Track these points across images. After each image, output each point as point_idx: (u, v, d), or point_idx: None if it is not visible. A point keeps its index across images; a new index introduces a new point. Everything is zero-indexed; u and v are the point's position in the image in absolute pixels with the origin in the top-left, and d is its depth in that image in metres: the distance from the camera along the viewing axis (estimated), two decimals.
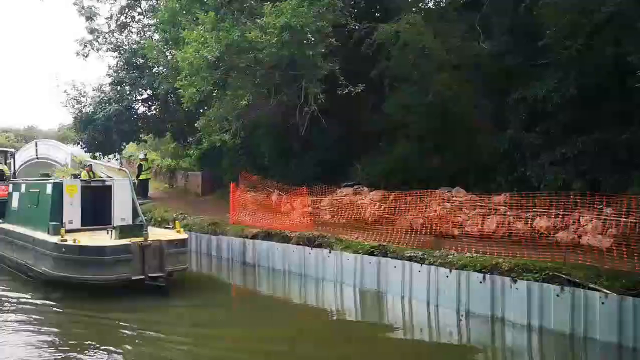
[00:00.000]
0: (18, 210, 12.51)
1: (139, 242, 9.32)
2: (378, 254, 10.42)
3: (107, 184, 11.72)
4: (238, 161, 21.28)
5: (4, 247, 12.34)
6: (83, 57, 21.76)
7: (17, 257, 11.40)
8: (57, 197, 10.76)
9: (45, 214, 10.82)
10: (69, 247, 9.12)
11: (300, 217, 14.37)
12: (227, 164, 21.84)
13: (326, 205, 15.48)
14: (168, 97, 22.40)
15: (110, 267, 8.84)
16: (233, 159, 21.43)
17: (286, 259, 11.20)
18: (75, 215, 10.93)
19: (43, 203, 11.07)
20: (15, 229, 11.87)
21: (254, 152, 20.35)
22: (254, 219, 15.38)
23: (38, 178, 13.25)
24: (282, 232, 13.07)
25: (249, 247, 12.30)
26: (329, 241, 11.60)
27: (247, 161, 21.47)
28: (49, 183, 11.01)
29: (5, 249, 12.23)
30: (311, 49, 11.69)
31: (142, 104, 24.32)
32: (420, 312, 8.30)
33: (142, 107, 24.50)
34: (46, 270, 9.72)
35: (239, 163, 21.61)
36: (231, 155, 19.34)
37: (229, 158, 21.37)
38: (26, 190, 12.18)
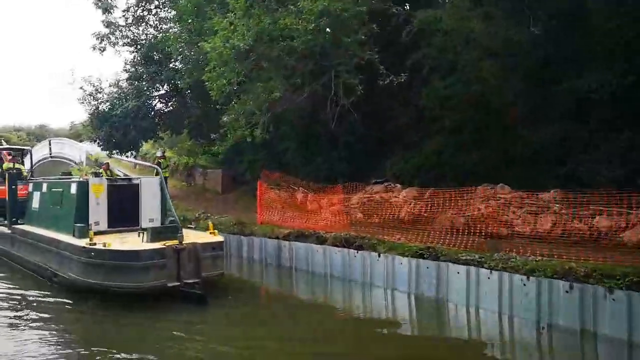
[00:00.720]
0: (39, 210, 11.84)
1: (174, 245, 8.59)
2: (429, 256, 9.63)
3: (133, 182, 11.01)
4: (259, 158, 20.56)
5: (25, 250, 11.68)
6: (100, 51, 21.11)
7: (39, 261, 10.73)
8: (83, 197, 10.06)
9: (70, 215, 10.12)
10: (98, 251, 8.40)
11: (334, 217, 13.61)
12: (248, 161, 21.12)
13: (356, 204, 14.73)
14: (186, 93, 21.71)
15: (144, 274, 8.11)
16: (254, 156, 20.70)
17: (328, 261, 10.41)
18: (102, 216, 10.23)
19: (67, 203, 10.39)
20: (37, 231, 11.20)
21: (276, 149, 19.58)
22: (283, 218, 14.65)
23: (60, 177, 12.57)
24: (316, 233, 12.32)
25: (284, 248, 11.53)
26: (369, 242, 10.83)
27: (268, 158, 20.71)
28: (73, 182, 10.31)
29: (26, 251, 11.56)
30: (350, 35, 10.87)
31: (159, 100, 23.67)
32: (490, 323, 7.44)
33: (159, 104, 23.89)
34: (73, 276, 9.02)
35: (259, 160, 20.89)
36: (252, 152, 18.58)
37: (250, 155, 20.64)
38: (48, 190, 11.50)
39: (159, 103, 23.78)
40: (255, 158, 20.49)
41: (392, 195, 14.57)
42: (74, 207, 10.04)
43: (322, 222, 13.06)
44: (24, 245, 11.72)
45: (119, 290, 8.33)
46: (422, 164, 15.19)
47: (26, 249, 11.62)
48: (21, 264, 11.98)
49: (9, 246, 12.82)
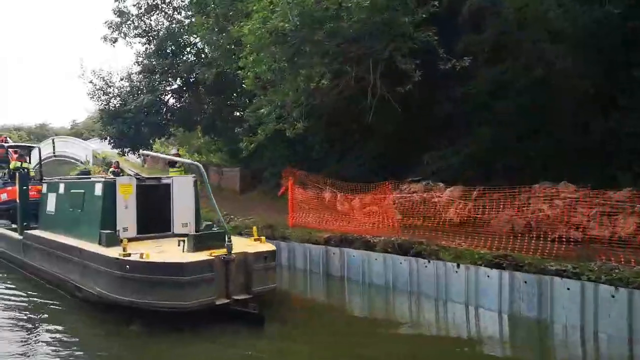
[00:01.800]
0: (56, 214, 10.53)
1: (222, 256, 7.29)
2: (507, 265, 8.35)
3: (164, 182, 9.71)
4: (281, 155, 19.27)
5: (40, 259, 10.37)
6: (111, 42, 19.80)
7: (58, 272, 9.42)
8: (109, 199, 8.75)
9: (94, 220, 8.82)
10: (134, 264, 7.10)
11: (373, 219, 12.36)
12: (268, 159, 19.84)
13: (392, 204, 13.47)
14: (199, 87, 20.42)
15: (189, 290, 6.79)
16: (275, 153, 19.42)
17: (389, 271, 9.08)
18: (131, 221, 8.93)
19: (91, 206, 9.08)
20: (53, 237, 9.89)
21: (301, 144, 18.28)
22: (318, 220, 13.43)
23: (80, 176, 11.26)
24: (361, 237, 11.05)
25: (334, 256, 10.23)
26: (429, 249, 9.54)
27: (290, 155, 19.44)
28: (98, 182, 8.99)
29: (42, 260, 10.25)
30: (408, 15, 9.57)
31: (171, 95, 22.38)
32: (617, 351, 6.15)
33: (171, 99, 22.60)
34: (102, 292, 7.71)
35: (281, 157, 19.60)
36: (272, 148, 17.32)
37: (270, 152, 19.35)
38: (66, 191, 10.19)
39: (171, 98, 22.52)
40: (278, 155, 19.20)
41: (433, 194, 13.36)
42: (100, 211, 8.73)
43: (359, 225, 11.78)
44: (39, 254, 10.42)
45: (159, 309, 7.01)
46: (467, 160, 13.88)
47: (41, 257, 10.31)
48: (35, 274, 10.67)
49: (20, 254, 11.51)
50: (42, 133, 53.73)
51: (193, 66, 17.90)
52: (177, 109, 22.32)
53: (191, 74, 19.23)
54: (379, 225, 11.65)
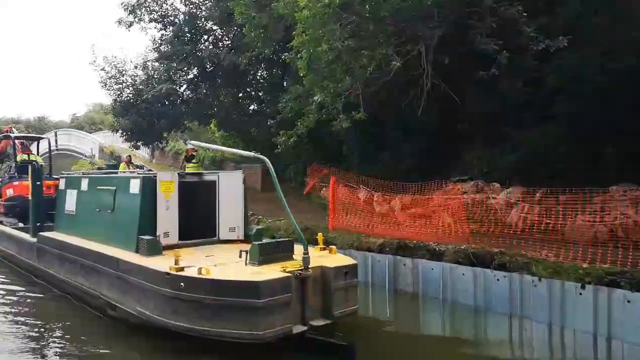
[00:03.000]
0: (78, 215, 9.06)
1: (297, 272, 5.86)
2: (625, 284, 6.97)
3: (207, 178, 8.27)
4: (303, 151, 17.84)
5: (59, 266, 8.91)
6: (126, 26, 18.27)
7: (83, 284, 7.96)
8: (148, 198, 7.30)
9: (130, 224, 7.37)
10: (192, 281, 5.65)
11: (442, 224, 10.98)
12: (290, 155, 18.39)
13: (437, 206, 12.11)
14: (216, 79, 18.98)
15: (264, 316, 5.35)
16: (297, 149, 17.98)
17: (481, 289, 7.64)
18: (172, 225, 7.49)
19: (125, 207, 7.62)
20: (75, 242, 8.44)
21: (326, 140, 16.84)
22: (362, 224, 12.07)
23: (109, 170, 9.80)
24: (426, 245, 9.66)
25: (405, 268, 8.79)
26: (517, 261, 8.13)
27: (314, 151, 18.03)
28: (135, 178, 7.52)
29: (62, 269, 8.79)
30: None
31: (187, 85, 20.90)
32: None
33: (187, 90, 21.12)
34: (146, 314, 6.27)
35: (306, 154, 18.18)
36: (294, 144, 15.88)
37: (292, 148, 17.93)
38: (91, 188, 8.73)
39: (186, 89, 21.05)
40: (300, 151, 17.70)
41: (486, 195, 12.00)
42: (137, 213, 7.28)
43: (432, 230, 10.38)
44: (58, 261, 8.95)
45: (224, 340, 5.58)
46: (526, 158, 12.47)
47: (61, 265, 8.85)
48: (53, 283, 9.21)
49: (33, 259, 10.05)
50: (41, 126, 52.11)
51: (217, 52, 16.45)
52: (193, 100, 20.87)
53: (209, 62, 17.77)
54: (445, 231, 10.26)
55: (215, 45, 18.95)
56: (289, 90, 14.16)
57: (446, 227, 10.58)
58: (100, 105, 59.27)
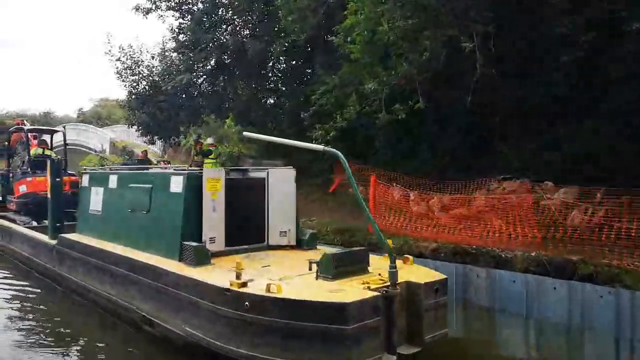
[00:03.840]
0: (105, 215, 8.09)
1: (383, 289, 4.86)
2: None
3: (254, 175, 7.27)
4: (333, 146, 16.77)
5: (83, 273, 7.93)
6: (143, 14, 17.25)
7: (115, 295, 6.99)
8: (193, 198, 6.32)
9: (171, 227, 6.39)
10: (260, 300, 4.66)
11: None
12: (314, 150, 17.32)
13: (483, 206, 11.13)
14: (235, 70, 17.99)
15: (352, 344, 4.37)
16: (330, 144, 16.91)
17: (577, 306, 6.60)
18: (219, 229, 6.51)
19: (165, 208, 6.64)
20: (104, 247, 7.48)
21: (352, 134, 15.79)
22: (405, 225, 11.11)
23: (140, 166, 8.82)
24: (489, 251, 8.68)
25: (478, 279, 7.78)
26: (605, 271, 7.12)
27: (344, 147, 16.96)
28: (177, 175, 6.53)
29: (87, 276, 7.81)
30: None
31: (204, 77, 19.90)
32: None
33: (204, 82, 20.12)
34: (198, 335, 5.28)
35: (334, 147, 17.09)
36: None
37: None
38: (121, 186, 7.74)
39: (204, 81, 20.04)
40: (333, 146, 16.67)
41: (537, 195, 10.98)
42: (181, 215, 6.29)
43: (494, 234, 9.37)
44: (82, 267, 7.98)
45: None
46: (574, 155, 11.39)
47: (85, 271, 7.88)
48: (75, 290, 8.24)
49: (53, 263, 9.09)
50: (47, 121, 51.35)
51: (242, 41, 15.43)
52: (210, 92, 19.88)
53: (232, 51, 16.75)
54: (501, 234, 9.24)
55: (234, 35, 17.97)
56: (321, 81, 13.14)
57: (497, 230, 9.60)
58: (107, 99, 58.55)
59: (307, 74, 17.32)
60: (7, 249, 11.62)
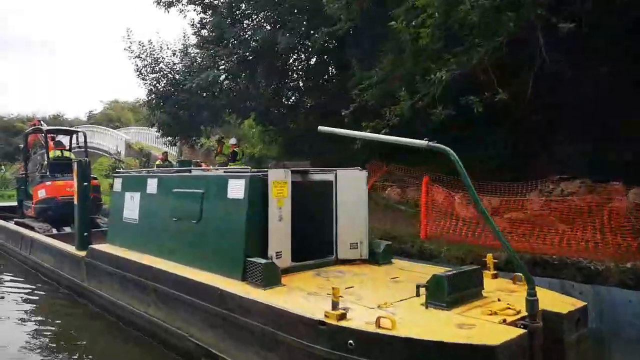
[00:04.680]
0: (143, 225, 7.11)
1: (520, 322, 3.83)
2: None
3: (320, 178, 6.26)
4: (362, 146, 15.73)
5: (122, 292, 6.93)
6: (165, 7, 16.31)
7: (161, 319, 6.00)
8: (258, 205, 5.32)
9: (232, 240, 5.37)
10: (369, 339, 3.64)
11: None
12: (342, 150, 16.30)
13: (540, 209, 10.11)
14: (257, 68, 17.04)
15: None
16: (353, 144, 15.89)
17: None
18: (285, 242, 5.50)
19: (222, 217, 5.62)
20: (144, 261, 6.49)
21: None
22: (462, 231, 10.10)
23: (186, 168, 7.83)
24: (574, 262, 7.65)
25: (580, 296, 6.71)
26: None
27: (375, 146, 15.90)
28: (236, 178, 5.52)
29: (124, 294, 6.83)
30: None
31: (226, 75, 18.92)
32: None
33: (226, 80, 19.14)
34: None
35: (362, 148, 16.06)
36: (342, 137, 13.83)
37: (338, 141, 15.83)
38: (162, 191, 6.76)
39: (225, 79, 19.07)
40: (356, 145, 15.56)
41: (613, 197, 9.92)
42: (244, 225, 5.28)
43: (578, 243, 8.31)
44: (118, 284, 6.99)
45: None
46: None
47: (121, 288, 6.90)
48: (108, 309, 7.27)
49: (81, 277, 8.12)
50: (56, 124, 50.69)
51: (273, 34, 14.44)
52: (232, 91, 18.91)
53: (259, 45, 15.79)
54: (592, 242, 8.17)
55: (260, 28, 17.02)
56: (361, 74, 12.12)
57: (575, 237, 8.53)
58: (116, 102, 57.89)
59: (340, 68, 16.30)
60: (28, 260, 10.69)
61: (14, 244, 11.76)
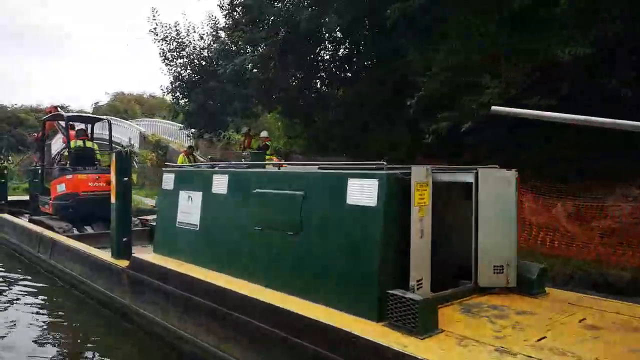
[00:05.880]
0: (207, 233, 5.65)
1: None
2: None
3: (453, 179, 4.79)
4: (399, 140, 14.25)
5: (182, 319, 5.49)
6: None
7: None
8: (398, 216, 3.89)
9: (359, 263, 3.94)
10: None
11: None
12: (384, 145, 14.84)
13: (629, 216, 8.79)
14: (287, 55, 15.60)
15: None
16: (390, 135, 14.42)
17: None
18: (425, 265, 4.07)
19: (337, 228, 4.17)
20: (212, 279, 5.05)
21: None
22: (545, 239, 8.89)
23: (257, 162, 6.39)
24: None
25: None
26: None
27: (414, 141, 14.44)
28: (362, 177, 4.05)
29: (189, 323, 5.38)
30: None
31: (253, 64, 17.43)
32: None
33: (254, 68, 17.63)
34: None
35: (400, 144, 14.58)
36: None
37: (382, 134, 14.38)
38: (235, 190, 5.30)
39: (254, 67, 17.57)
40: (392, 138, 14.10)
41: None
42: (377, 243, 3.83)
43: None
44: (180, 306, 5.54)
45: None
46: None
47: (183, 315, 5.45)
48: (162, 337, 5.83)
49: (122, 293, 6.66)
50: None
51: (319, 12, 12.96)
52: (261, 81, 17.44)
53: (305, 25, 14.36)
54: None
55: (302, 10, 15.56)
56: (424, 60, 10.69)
57: None
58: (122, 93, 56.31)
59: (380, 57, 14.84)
60: (47, 265, 9.25)
61: (31, 245, 10.33)
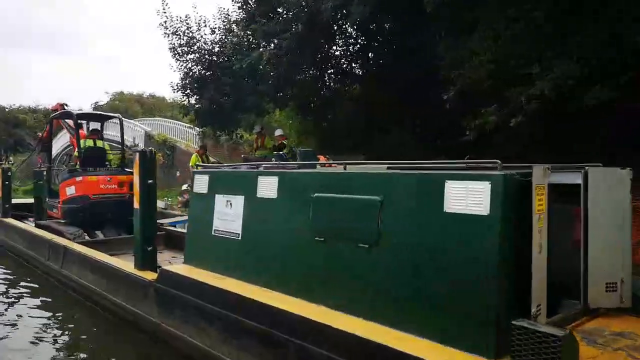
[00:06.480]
0: (250, 243, 4.90)
1: None
2: None
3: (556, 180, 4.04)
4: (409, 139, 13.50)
5: (225, 342, 4.74)
6: None
7: None
8: (515, 226, 3.15)
9: (468, 286, 3.20)
10: None
11: None
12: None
13: None
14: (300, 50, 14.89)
15: None
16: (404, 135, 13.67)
17: None
18: (543, 287, 3.33)
19: (431, 240, 3.44)
20: (280, 306, 4.30)
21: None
22: None
23: (304, 162, 5.63)
24: None
25: None
26: None
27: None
28: (465, 179, 3.30)
29: (233, 346, 4.63)
30: None
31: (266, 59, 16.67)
32: None
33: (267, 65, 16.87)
34: None
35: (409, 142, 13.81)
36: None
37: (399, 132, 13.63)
38: (286, 194, 4.55)
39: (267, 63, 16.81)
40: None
41: None
42: (493, 261, 3.09)
43: None
44: (213, 327, 4.80)
45: None
46: None
47: (227, 338, 4.69)
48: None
49: (150, 309, 5.90)
50: None
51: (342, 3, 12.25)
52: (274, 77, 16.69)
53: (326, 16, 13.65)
54: None
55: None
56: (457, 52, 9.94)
57: None
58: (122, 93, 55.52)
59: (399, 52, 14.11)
60: (58, 275, 8.48)
61: (39, 252, 9.57)
